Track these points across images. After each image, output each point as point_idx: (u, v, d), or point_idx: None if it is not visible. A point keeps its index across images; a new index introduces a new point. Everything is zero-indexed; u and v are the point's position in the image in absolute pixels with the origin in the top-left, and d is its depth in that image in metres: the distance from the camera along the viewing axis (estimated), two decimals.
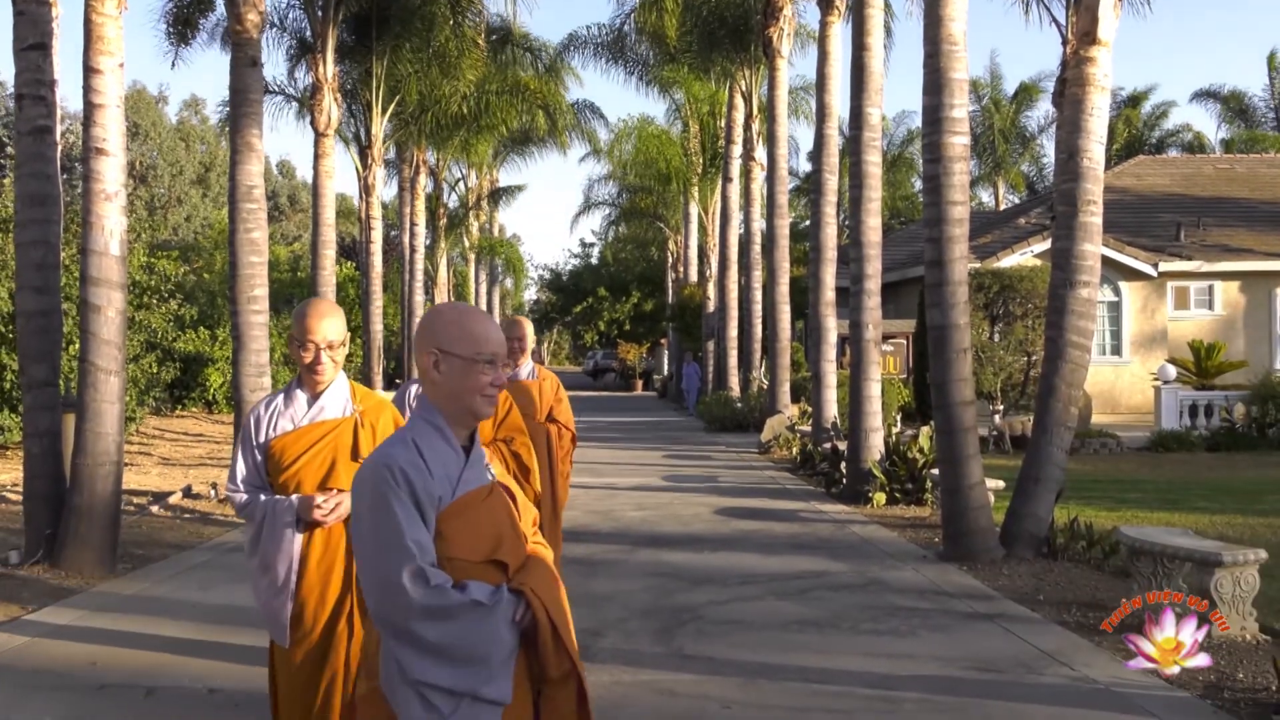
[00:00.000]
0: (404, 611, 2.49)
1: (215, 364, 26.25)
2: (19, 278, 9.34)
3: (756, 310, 26.65)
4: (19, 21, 9.23)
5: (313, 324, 3.88)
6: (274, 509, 3.86)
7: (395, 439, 2.72)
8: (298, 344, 3.90)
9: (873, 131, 13.81)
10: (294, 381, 4.03)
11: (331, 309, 3.99)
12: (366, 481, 2.61)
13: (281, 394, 4.02)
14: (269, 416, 3.97)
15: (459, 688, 2.49)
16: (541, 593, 2.64)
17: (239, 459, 3.97)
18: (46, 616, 7.31)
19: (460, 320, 2.75)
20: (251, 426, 3.96)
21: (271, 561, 3.86)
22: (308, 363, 3.90)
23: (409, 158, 29.07)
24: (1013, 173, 48.73)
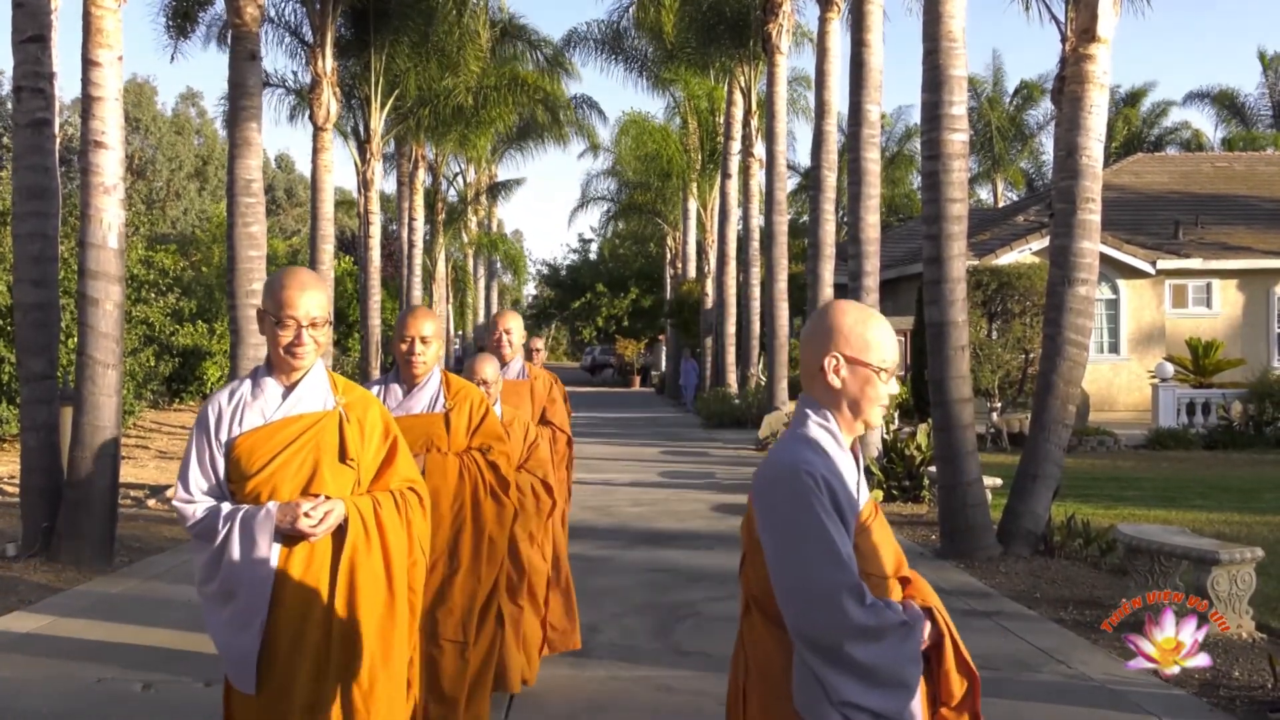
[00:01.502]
0: (839, 631, 2.30)
1: (213, 358, 26.22)
2: (16, 271, 9.33)
3: (755, 307, 26.65)
4: (17, 13, 9.21)
5: (293, 296, 3.25)
6: (243, 520, 3.15)
7: (796, 441, 2.49)
8: (272, 320, 3.26)
9: (871, 128, 13.80)
10: (262, 368, 3.36)
11: (314, 279, 3.37)
12: (783, 486, 2.39)
13: (247, 381, 3.34)
14: (233, 409, 3.29)
15: (887, 712, 2.34)
16: (941, 609, 2.50)
17: (192, 461, 3.24)
18: (43, 610, 7.31)
19: (865, 327, 2.54)
20: (211, 420, 3.26)
21: (237, 587, 3.16)
22: (286, 343, 3.25)
23: (408, 152, 29.04)
24: (1012, 170, 48.73)
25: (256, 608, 3.15)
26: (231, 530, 3.15)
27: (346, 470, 3.30)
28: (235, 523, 3.15)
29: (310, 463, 3.25)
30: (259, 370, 3.34)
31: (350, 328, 31.73)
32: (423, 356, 4.41)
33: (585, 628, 6.34)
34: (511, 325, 5.91)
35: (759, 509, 2.44)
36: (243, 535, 3.14)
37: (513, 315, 6.04)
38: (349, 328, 31.72)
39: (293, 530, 3.15)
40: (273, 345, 3.27)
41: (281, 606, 3.18)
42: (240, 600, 3.16)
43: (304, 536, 3.17)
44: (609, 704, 5.38)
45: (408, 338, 4.41)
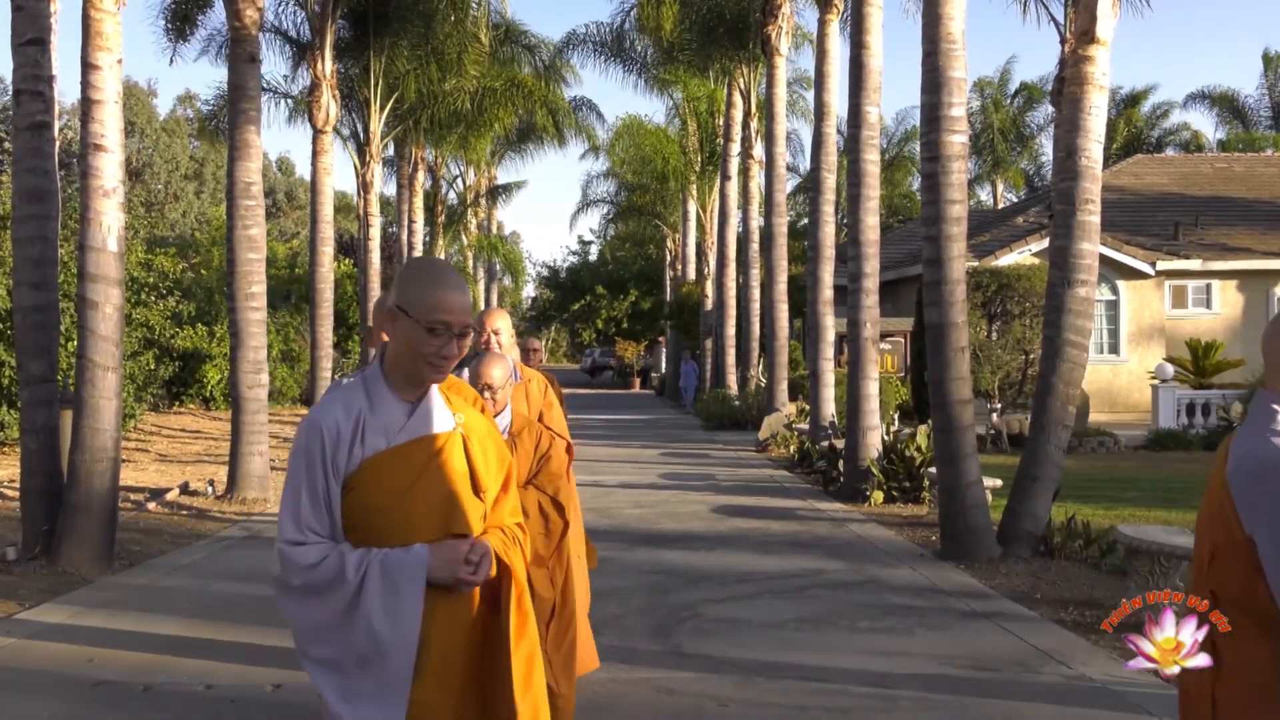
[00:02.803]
0: None
1: (213, 360, 26.23)
2: (16, 274, 9.34)
3: (754, 308, 26.65)
4: (17, 16, 9.21)
5: (450, 298, 2.62)
6: (385, 565, 2.50)
7: (1272, 433, 2.42)
8: (416, 322, 2.60)
9: (871, 130, 13.81)
10: (373, 375, 2.69)
11: (460, 279, 2.76)
12: (1275, 477, 2.34)
13: (359, 391, 2.66)
14: (353, 428, 2.61)
15: None
16: None
17: (302, 494, 2.56)
18: (43, 613, 7.31)
19: None
20: (325, 443, 2.57)
21: (377, 651, 2.50)
22: (433, 351, 2.61)
23: (407, 155, 29.05)
24: (1012, 170, 48.77)
25: (401, 678, 2.50)
26: (369, 579, 2.48)
27: (478, 504, 2.70)
28: (374, 569, 2.49)
29: (444, 494, 2.64)
30: (369, 378, 2.67)
31: (350, 330, 31.73)
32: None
33: None
34: (500, 325, 5.37)
35: (1248, 503, 2.36)
36: (385, 585, 2.48)
37: (500, 314, 5.52)
38: (349, 330, 31.72)
39: (450, 580, 2.55)
40: (409, 352, 2.61)
41: (432, 666, 2.56)
42: (378, 669, 2.49)
43: (467, 585, 2.58)
44: (609, 706, 5.38)
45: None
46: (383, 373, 2.66)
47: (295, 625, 2.58)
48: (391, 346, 2.65)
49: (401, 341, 2.61)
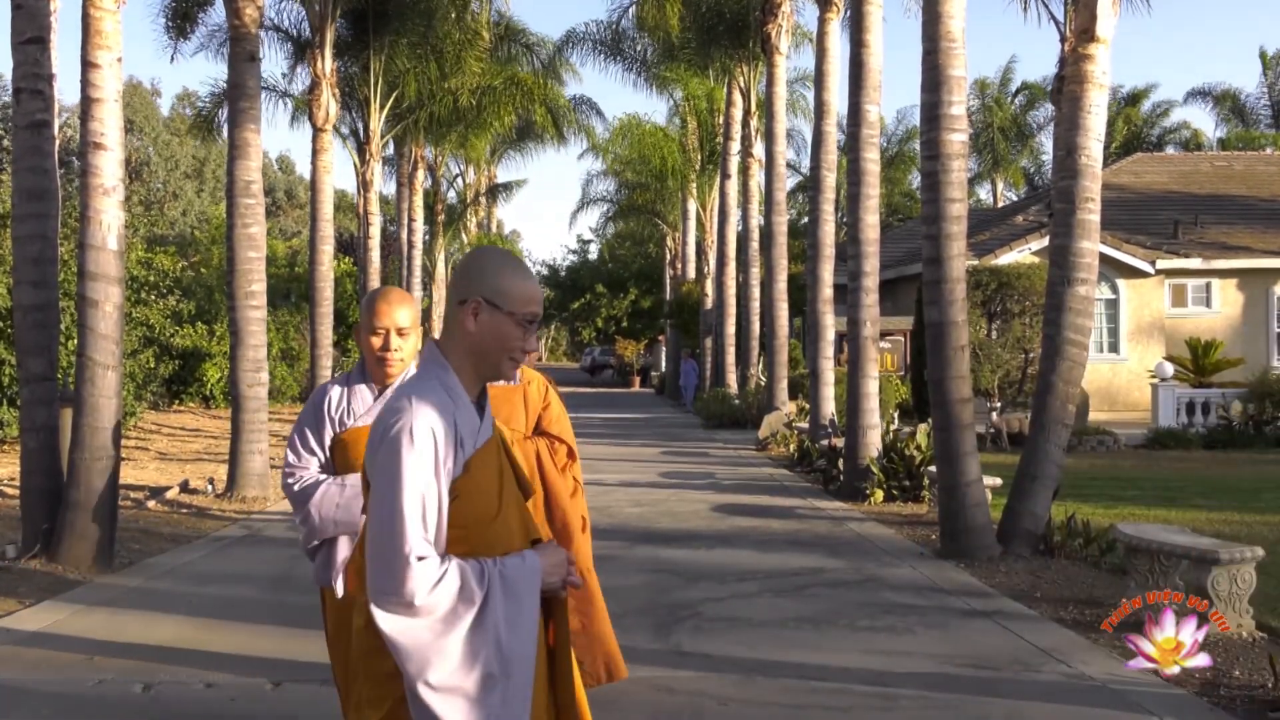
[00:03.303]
0: None
1: (213, 359, 26.24)
2: (16, 272, 9.34)
3: (754, 307, 26.65)
4: (17, 15, 9.21)
5: (538, 290, 2.63)
6: (506, 576, 2.39)
7: None
8: (515, 320, 2.52)
9: (871, 129, 13.80)
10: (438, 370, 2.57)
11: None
12: None
13: (438, 389, 2.53)
14: (454, 428, 2.49)
15: None
16: None
17: (425, 502, 2.34)
18: (43, 611, 7.31)
19: None
20: (437, 445, 2.39)
21: (507, 666, 2.37)
22: (520, 344, 2.55)
23: (407, 153, 29.05)
24: (1012, 169, 48.78)
25: (525, 695, 2.40)
26: (493, 592, 2.36)
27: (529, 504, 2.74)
28: (496, 581, 2.36)
29: (517, 497, 2.61)
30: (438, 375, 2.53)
31: (350, 329, 31.74)
32: (399, 353, 3.72)
33: None
34: None
35: None
36: (508, 597, 2.38)
37: None
38: (348, 329, 31.74)
39: (557, 585, 2.51)
40: (496, 346, 2.54)
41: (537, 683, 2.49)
42: (504, 688, 2.36)
43: (556, 592, 2.54)
44: (609, 704, 5.37)
45: (381, 329, 3.69)
46: (451, 368, 2.53)
47: (413, 650, 2.30)
48: (468, 341, 2.51)
49: (487, 336, 2.50)
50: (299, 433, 3.85)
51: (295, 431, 3.86)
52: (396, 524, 2.29)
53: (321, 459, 3.81)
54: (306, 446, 3.82)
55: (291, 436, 3.87)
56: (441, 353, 2.54)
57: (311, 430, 3.82)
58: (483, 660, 2.31)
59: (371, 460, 2.41)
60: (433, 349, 2.55)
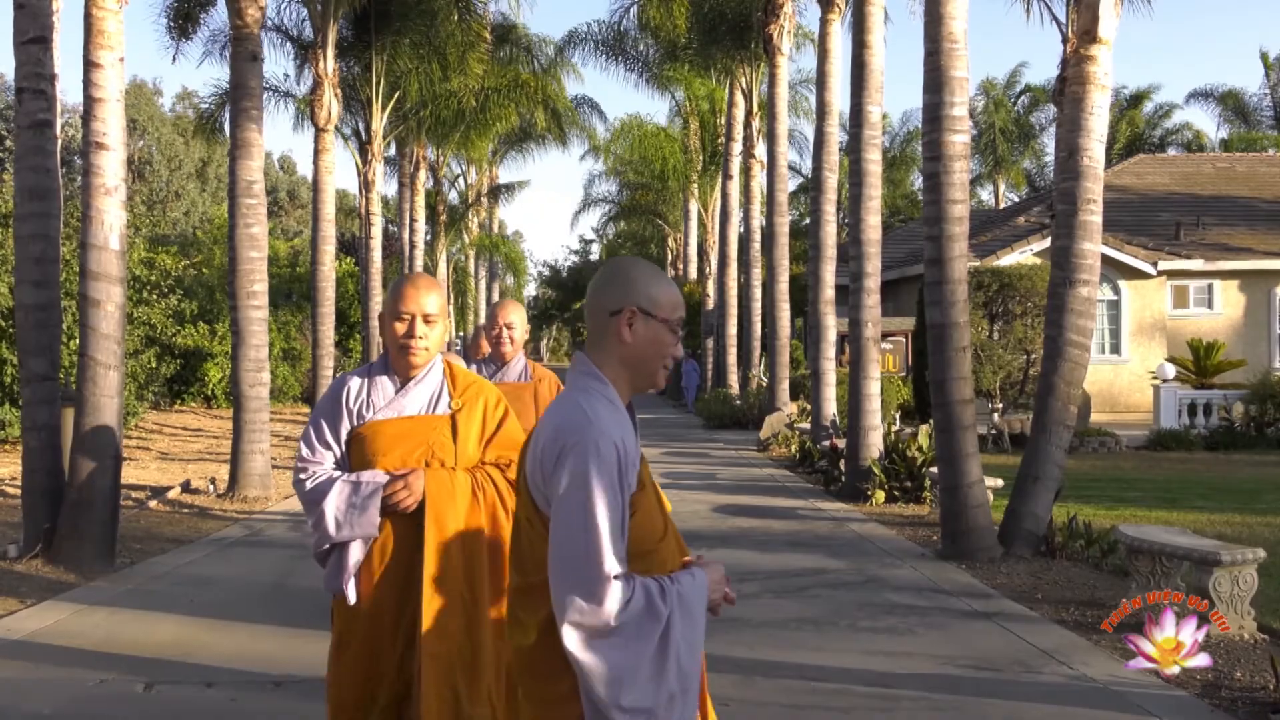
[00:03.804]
0: None
1: (214, 359, 26.23)
2: (18, 272, 9.34)
3: (756, 308, 26.65)
4: (19, 15, 9.22)
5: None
6: (684, 594, 2.34)
7: None
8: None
9: (873, 129, 13.80)
10: (593, 381, 2.49)
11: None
12: None
13: (603, 400, 2.45)
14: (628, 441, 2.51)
15: None
16: None
17: (616, 519, 2.28)
18: (45, 610, 7.32)
19: None
20: (620, 461, 2.34)
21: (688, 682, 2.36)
22: (673, 349, 2.55)
23: (409, 154, 29.05)
24: (1014, 170, 48.78)
25: (694, 713, 2.41)
26: (674, 610, 2.30)
27: None
28: (674, 599, 2.30)
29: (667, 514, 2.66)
30: (598, 386, 2.47)
31: (351, 329, 31.75)
32: (424, 341, 3.53)
33: None
34: (514, 318, 5.11)
35: None
36: (684, 615, 2.31)
37: (515, 307, 5.19)
38: (350, 329, 31.75)
39: (714, 603, 2.47)
40: (655, 354, 2.53)
41: None
42: (682, 707, 2.34)
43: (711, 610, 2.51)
44: None
45: (406, 314, 3.52)
46: (608, 380, 2.47)
47: (605, 672, 2.22)
48: (623, 350, 2.46)
49: (643, 344, 2.47)
50: (314, 425, 3.63)
51: (311, 423, 3.66)
52: (593, 542, 2.22)
53: (337, 454, 3.60)
54: (322, 440, 3.60)
55: (306, 429, 3.66)
56: (594, 364, 2.48)
57: (328, 422, 3.60)
58: (667, 679, 2.26)
59: (552, 477, 2.31)
60: (584, 360, 2.48)
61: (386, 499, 3.44)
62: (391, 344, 3.55)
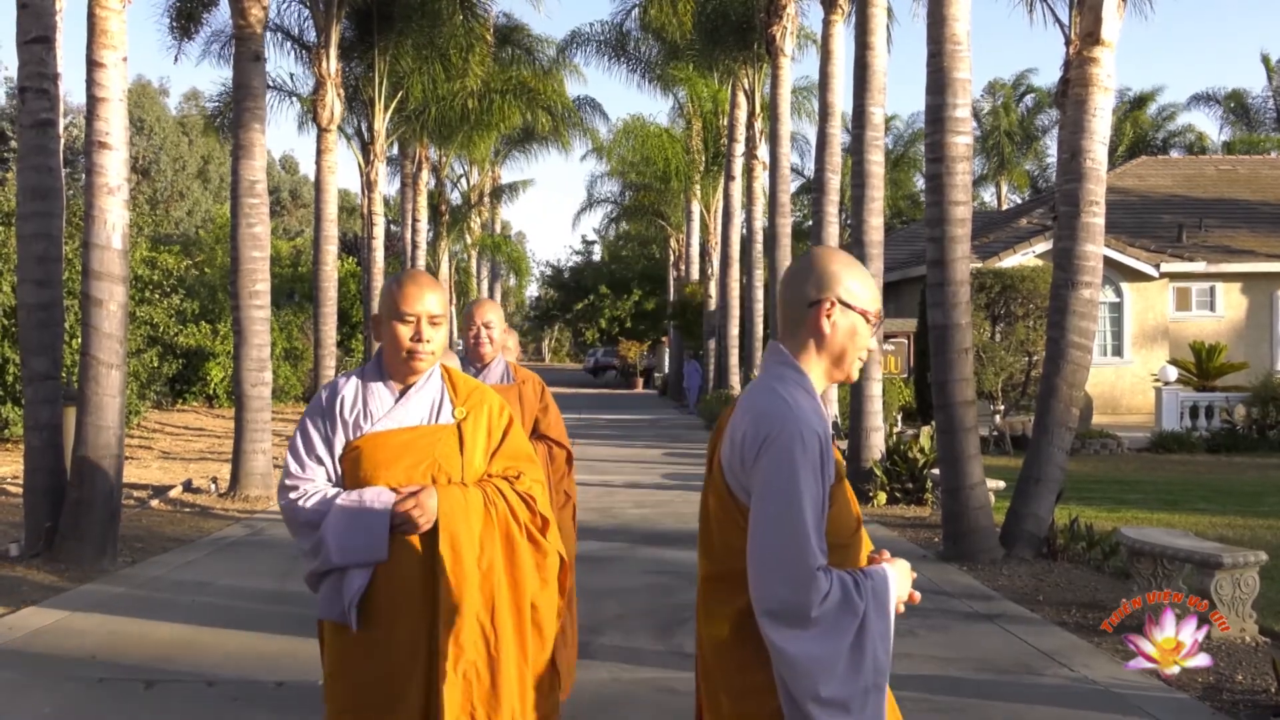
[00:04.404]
0: None
1: (216, 358, 26.25)
2: (20, 271, 9.34)
3: (758, 309, 26.64)
4: (22, 14, 9.23)
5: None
6: (876, 586, 2.34)
7: None
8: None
9: (875, 131, 13.80)
10: (793, 373, 2.46)
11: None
12: None
13: (803, 392, 2.42)
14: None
15: None
16: None
17: (817, 511, 2.28)
18: (46, 609, 7.32)
19: None
20: (823, 452, 2.34)
21: (882, 677, 2.33)
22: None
23: (411, 154, 29.07)
24: (1017, 172, 48.79)
25: (883, 708, 2.38)
26: (869, 603, 2.29)
27: None
28: (869, 592, 2.29)
29: None
30: (800, 378, 2.44)
31: (354, 328, 31.76)
32: (430, 345, 3.24)
33: (587, 629, 6.34)
34: (491, 318, 4.86)
35: None
36: (878, 608, 2.31)
37: (492, 305, 4.94)
38: (352, 328, 31.76)
39: (900, 599, 2.44)
40: (853, 347, 2.50)
41: None
42: (876, 701, 2.33)
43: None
44: (611, 705, 5.38)
45: (411, 317, 3.22)
46: (806, 373, 2.44)
47: (804, 664, 2.20)
48: (822, 342, 2.44)
49: (844, 335, 2.45)
50: (303, 437, 3.26)
51: (299, 436, 3.27)
52: (799, 535, 2.20)
53: (330, 469, 3.22)
54: (312, 453, 3.24)
55: (293, 442, 3.28)
56: (790, 354, 2.46)
57: (319, 434, 3.24)
58: (863, 673, 2.25)
59: (753, 466, 2.29)
60: (780, 350, 2.46)
61: (395, 519, 3.10)
62: (392, 348, 3.23)
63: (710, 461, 2.46)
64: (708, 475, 2.46)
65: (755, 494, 2.27)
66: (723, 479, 2.37)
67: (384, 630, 3.13)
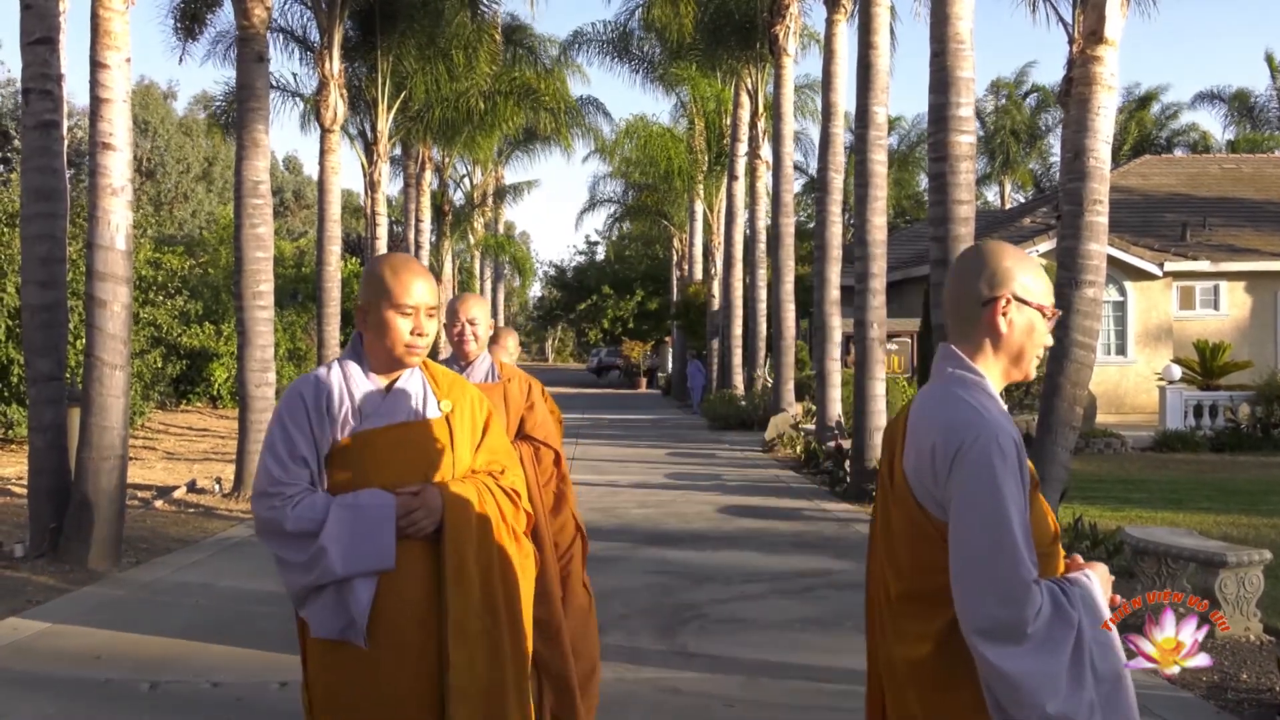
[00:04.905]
0: None
1: (220, 359, 26.27)
2: (25, 272, 9.36)
3: (761, 309, 26.65)
4: (26, 15, 9.24)
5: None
6: (1088, 599, 2.24)
7: None
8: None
9: (878, 130, 13.80)
10: (969, 375, 2.39)
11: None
12: None
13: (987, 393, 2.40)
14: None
15: None
16: None
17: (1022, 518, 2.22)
18: (50, 610, 7.33)
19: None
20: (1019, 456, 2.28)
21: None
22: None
23: (414, 154, 29.09)
24: (1020, 171, 48.75)
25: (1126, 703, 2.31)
26: (1083, 616, 2.19)
27: None
28: (1081, 605, 2.20)
29: None
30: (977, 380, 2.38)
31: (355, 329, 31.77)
32: (428, 339, 3.04)
33: None
34: (476, 313, 4.64)
35: None
36: (1090, 617, 2.21)
37: (477, 301, 4.72)
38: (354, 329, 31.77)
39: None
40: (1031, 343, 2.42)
41: None
42: (1103, 708, 2.23)
43: None
44: (614, 705, 5.37)
45: (410, 308, 2.97)
46: (984, 374, 2.37)
47: (1025, 682, 2.08)
48: (1000, 341, 2.36)
49: (1021, 333, 2.36)
50: (283, 438, 2.91)
51: (278, 437, 2.92)
52: (1006, 545, 2.09)
53: (313, 471, 2.91)
54: (296, 456, 2.89)
55: (271, 443, 2.92)
56: (966, 357, 2.36)
57: (301, 434, 2.91)
58: (1085, 687, 2.13)
59: (948, 478, 2.17)
60: (954, 353, 2.36)
61: (400, 522, 2.84)
62: (387, 341, 2.97)
63: (888, 475, 2.33)
64: (886, 489, 2.34)
65: (955, 508, 2.16)
66: (910, 494, 2.26)
67: (388, 646, 2.84)
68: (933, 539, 2.19)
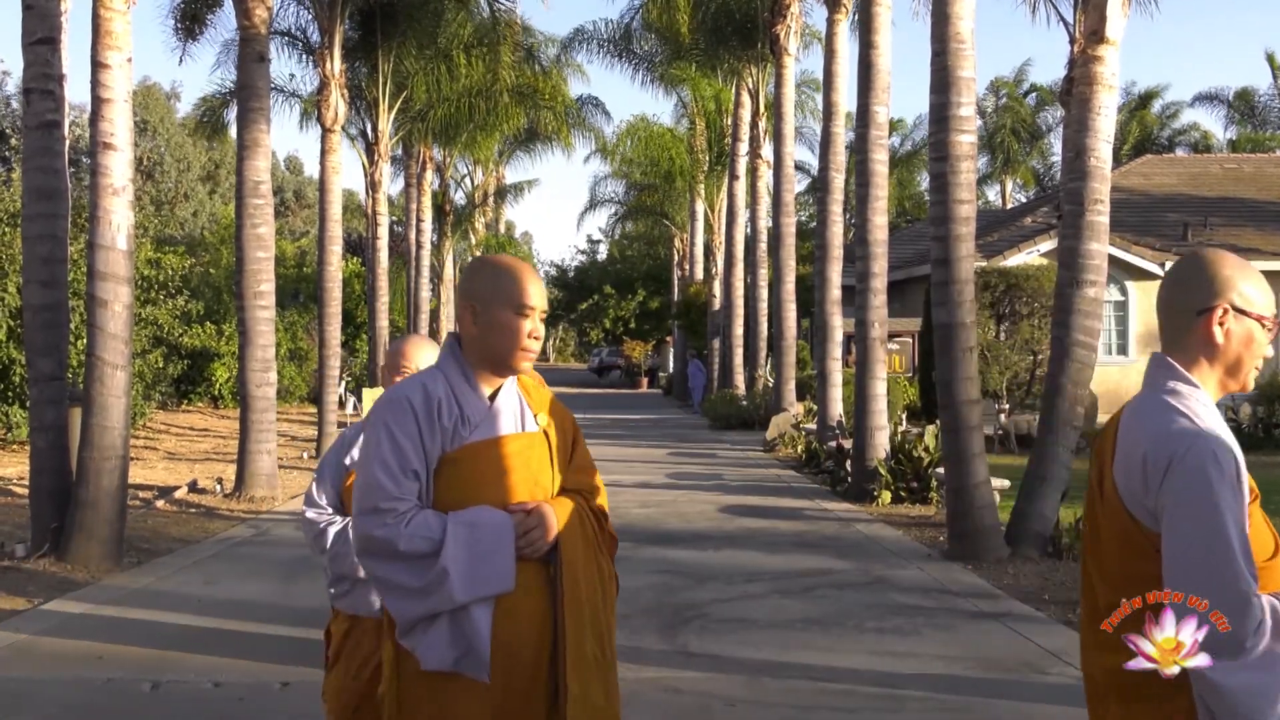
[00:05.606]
0: None
1: (221, 359, 26.30)
2: (26, 272, 9.37)
3: (762, 308, 26.65)
4: (27, 16, 9.25)
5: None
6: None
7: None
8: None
9: (879, 130, 13.78)
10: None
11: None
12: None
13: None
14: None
15: None
16: None
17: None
18: (52, 610, 7.34)
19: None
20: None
21: None
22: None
23: (415, 154, 29.08)
24: (1022, 170, 48.73)
25: None
26: None
27: None
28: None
29: None
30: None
31: (358, 329, 31.79)
32: (539, 344, 2.97)
33: None
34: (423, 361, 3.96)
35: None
36: None
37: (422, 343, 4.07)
38: (356, 329, 31.78)
39: None
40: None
41: None
42: None
43: None
44: None
45: (529, 309, 2.73)
46: (1199, 385, 2.34)
47: (1245, 697, 2.05)
48: (1214, 352, 2.33)
49: (1239, 344, 2.32)
50: (393, 448, 2.62)
51: (387, 447, 2.63)
52: (1225, 559, 2.04)
53: (422, 486, 2.65)
54: (408, 469, 2.61)
55: (379, 454, 2.62)
56: (1180, 367, 2.32)
57: (413, 445, 2.63)
58: None
59: (1161, 489, 2.12)
60: (1168, 363, 2.32)
61: (519, 542, 2.63)
62: (505, 343, 2.72)
63: (1098, 485, 2.30)
64: (1095, 499, 2.31)
65: (1169, 519, 2.10)
66: (1121, 504, 2.21)
67: (499, 676, 2.60)
68: (1144, 549, 2.16)
